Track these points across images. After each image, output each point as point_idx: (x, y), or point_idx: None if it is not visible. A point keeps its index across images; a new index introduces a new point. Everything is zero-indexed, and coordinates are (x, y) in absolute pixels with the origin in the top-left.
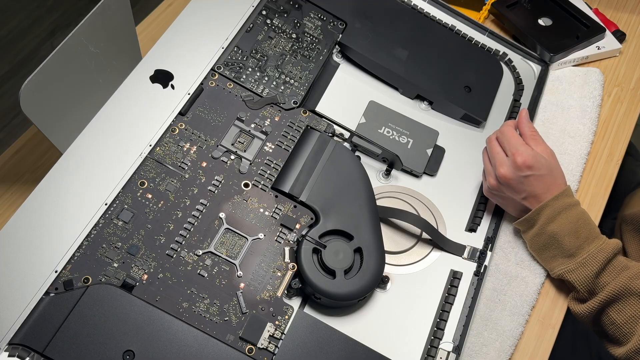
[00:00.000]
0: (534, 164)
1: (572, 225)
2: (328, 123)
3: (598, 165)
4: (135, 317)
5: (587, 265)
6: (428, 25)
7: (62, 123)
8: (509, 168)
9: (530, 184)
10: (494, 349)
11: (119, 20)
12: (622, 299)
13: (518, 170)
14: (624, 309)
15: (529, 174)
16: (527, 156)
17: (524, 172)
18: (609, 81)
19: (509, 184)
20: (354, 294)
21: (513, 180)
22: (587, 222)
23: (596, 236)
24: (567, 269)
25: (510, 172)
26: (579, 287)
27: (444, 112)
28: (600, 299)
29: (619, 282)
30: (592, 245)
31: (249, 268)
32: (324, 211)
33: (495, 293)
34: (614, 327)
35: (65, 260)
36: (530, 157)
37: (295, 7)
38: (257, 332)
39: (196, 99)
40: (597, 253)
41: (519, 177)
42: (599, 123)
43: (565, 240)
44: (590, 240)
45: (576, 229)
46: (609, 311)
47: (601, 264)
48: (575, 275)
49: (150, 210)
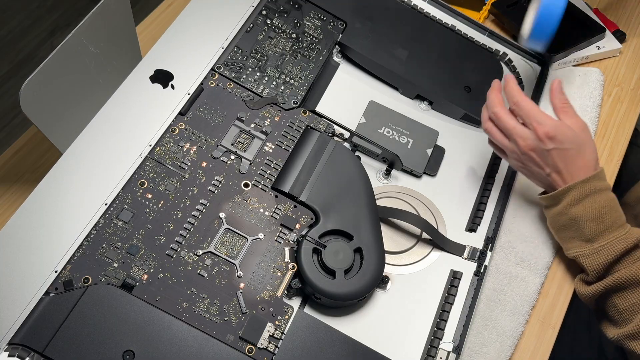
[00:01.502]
0: (557, 135)
1: (597, 211)
2: (328, 123)
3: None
4: (135, 317)
5: (603, 252)
6: (428, 25)
7: (62, 123)
8: (531, 141)
9: (554, 157)
10: (494, 349)
11: (119, 20)
12: (628, 287)
13: (541, 143)
14: (628, 296)
15: (552, 147)
16: (550, 127)
17: (547, 145)
18: (609, 81)
19: (533, 157)
20: (354, 294)
21: (536, 153)
22: (613, 209)
23: (620, 225)
24: (583, 253)
25: (532, 145)
26: (589, 273)
27: (444, 112)
28: (607, 284)
29: (629, 271)
30: (613, 234)
31: (249, 268)
32: (324, 211)
33: (495, 293)
34: (615, 310)
35: (65, 260)
36: (554, 129)
37: (295, 7)
38: (257, 332)
39: (196, 99)
40: (617, 242)
41: (542, 150)
42: (599, 123)
43: (587, 225)
44: (613, 228)
45: (600, 215)
46: (613, 295)
47: (618, 253)
48: (588, 261)
49: (150, 210)
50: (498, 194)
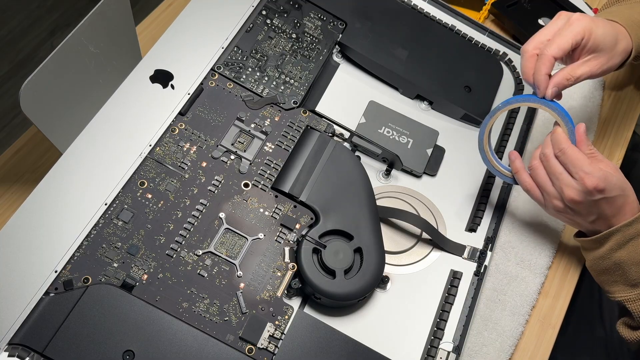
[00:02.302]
0: (606, 187)
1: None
2: (328, 123)
3: None
4: (135, 317)
5: None
6: (428, 25)
7: (62, 123)
8: (578, 192)
9: (601, 207)
10: (494, 349)
11: (119, 20)
12: None
13: (588, 195)
14: None
15: (600, 197)
16: (599, 179)
17: (595, 197)
18: (609, 81)
19: (577, 208)
20: (354, 294)
21: (582, 204)
22: None
23: None
24: (629, 298)
25: (580, 196)
26: (636, 318)
27: (444, 112)
28: None
29: None
30: None
31: (249, 268)
32: (324, 211)
33: (495, 293)
34: None
35: (65, 260)
36: (602, 181)
37: (295, 7)
38: (257, 332)
39: (196, 99)
40: None
41: (589, 201)
42: (599, 123)
43: (632, 270)
44: None
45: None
46: None
47: None
48: (635, 306)
49: (150, 210)
50: (498, 194)
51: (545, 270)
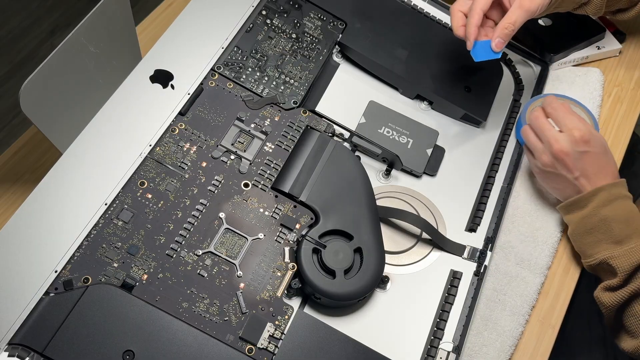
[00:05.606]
0: (591, 139)
1: (625, 215)
2: (328, 123)
3: None
4: (135, 317)
5: (635, 253)
6: (428, 25)
7: (62, 123)
8: (567, 143)
9: (585, 161)
10: (494, 349)
11: (119, 20)
12: None
13: (575, 145)
14: None
15: (586, 150)
16: (585, 131)
17: (581, 148)
18: (609, 81)
19: (565, 160)
20: (354, 294)
21: (570, 155)
22: (638, 216)
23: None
24: (613, 255)
25: (568, 147)
26: (620, 273)
27: (444, 112)
28: (633, 288)
29: None
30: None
31: (249, 268)
32: (323, 211)
33: (495, 293)
34: (634, 319)
35: (65, 260)
36: (588, 133)
37: (295, 7)
38: (257, 332)
39: (196, 99)
40: None
41: (576, 153)
42: (599, 123)
43: (616, 227)
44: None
45: (628, 219)
46: (634, 303)
47: None
48: (620, 261)
49: (150, 210)
50: (498, 194)
51: (545, 270)
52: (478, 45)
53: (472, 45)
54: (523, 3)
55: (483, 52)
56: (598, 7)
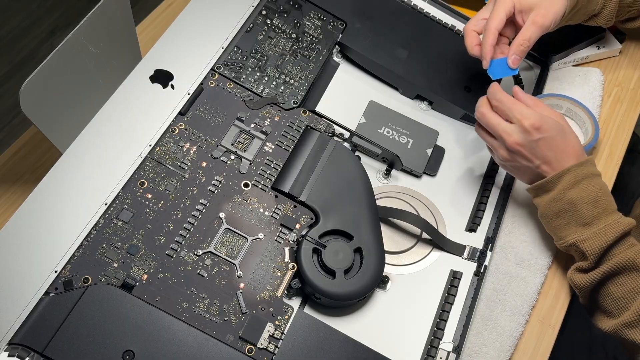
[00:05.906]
0: (542, 125)
1: (593, 195)
2: (328, 123)
3: (598, 166)
4: (135, 317)
5: (602, 235)
6: (428, 25)
7: (62, 123)
8: (518, 135)
9: (542, 148)
10: (494, 349)
11: (119, 20)
12: (624, 273)
13: (527, 135)
14: (625, 282)
15: (539, 137)
16: (534, 118)
17: (534, 136)
18: (609, 81)
19: (521, 151)
20: (354, 294)
21: (524, 146)
22: (607, 194)
23: (613, 210)
24: (581, 238)
25: (521, 138)
26: (589, 256)
27: (444, 112)
28: (604, 270)
29: (625, 256)
30: (609, 217)
31: (249, 268)
32: (323, 211)
33: (495, 293)
34: (610, 299)
35: (65, 260)
36: (538, 120)
37: (295, 7)
38: (257, 332)
39: (196, 99)
40: (614, 225)
41: (530, 142)
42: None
43: (584, 209)
44: (607, 212)
45: (596, 199)
46: (608, 284)
47: (616, 237)
48: (589, 244)
49: (150, 210)
50: (498, 194)
51: (545, 270)
52: (494, 64)
53: (489, 64)
54: (537, 19)
55: (500, 70)
56: (608, 17)
